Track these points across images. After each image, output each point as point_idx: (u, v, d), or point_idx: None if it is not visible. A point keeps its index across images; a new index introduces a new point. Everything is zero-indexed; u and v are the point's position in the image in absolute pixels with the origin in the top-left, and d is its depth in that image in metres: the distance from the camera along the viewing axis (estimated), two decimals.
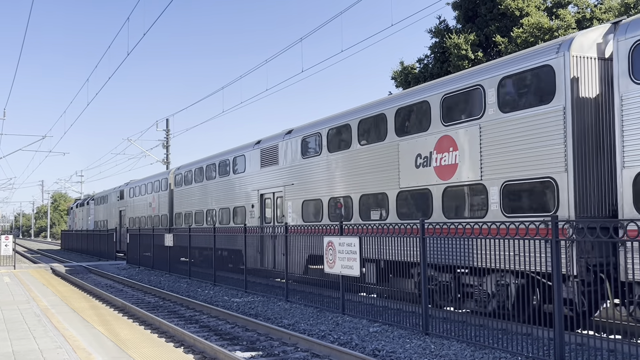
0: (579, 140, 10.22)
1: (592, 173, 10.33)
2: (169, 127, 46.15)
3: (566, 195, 10.15)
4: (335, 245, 13.40)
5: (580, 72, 10.40)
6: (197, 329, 12.87)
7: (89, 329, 11.68)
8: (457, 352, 9.50)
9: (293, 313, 14.21)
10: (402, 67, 29.83)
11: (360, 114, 16.24)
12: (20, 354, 8.85)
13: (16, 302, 15.31)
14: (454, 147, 12.59)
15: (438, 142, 13.06)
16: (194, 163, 28.60)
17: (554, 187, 10.37)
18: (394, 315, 12.05)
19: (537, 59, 10.98)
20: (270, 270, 19.71)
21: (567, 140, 10.18)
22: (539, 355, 8.82)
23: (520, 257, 9.30)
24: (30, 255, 48.38)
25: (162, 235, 26.53)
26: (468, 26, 27.80)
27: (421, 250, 11.21)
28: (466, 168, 12.29)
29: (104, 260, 37.53)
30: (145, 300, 18.27)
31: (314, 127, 18.48)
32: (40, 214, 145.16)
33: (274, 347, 10.81)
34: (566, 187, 10.17)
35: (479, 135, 11.94)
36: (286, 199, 19.69)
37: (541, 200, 10.70)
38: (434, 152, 13.18)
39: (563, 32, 23.64)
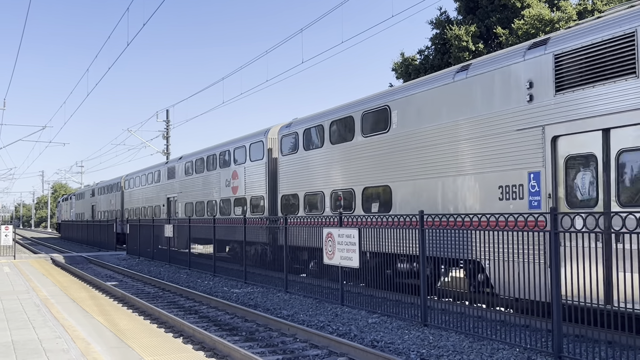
0: (270, 178, 21.15)
1: (275, 194, 20.67)
2: (169, 118, 46.07)
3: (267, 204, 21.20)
4: (335, 236, 13.41)
5: (271, 145, 21.19)
6: (196, 320, 12.90)
7: (89, 319, 11.69)
8: (456, 343, 9.52)
9: (292, 304, 14.24)
10: (403, 59, 29.75)
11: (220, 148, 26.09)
12: (20, 343, 8.86)
13: (16, 292, 15.33)
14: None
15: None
16: (140, 171, 39.08)
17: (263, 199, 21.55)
18: (393, 307, 12.07)
19: (257, 138, 22.10)
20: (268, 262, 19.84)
21: (266, 177, 21.21)
22: (537, 346, 8.84)
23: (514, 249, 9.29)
24: (30, 245, 48.46)
25: (162, 226, 26.57)
26: (469, 17, 27.70)
27: (420, 242, 11.22)
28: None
29: (104, 251, 37.56)
30: (145, 290, 18.30)
31: (197, 154, 28.32)
32: (41, 204, 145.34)
33: (272, 337, 10.84)
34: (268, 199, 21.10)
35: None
36: (179, 201, 30.39)
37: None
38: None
39: (564, 24, 23.53)
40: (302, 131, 18.81)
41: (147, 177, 36.74)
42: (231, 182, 23.83)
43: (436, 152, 13.15)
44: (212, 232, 21.26)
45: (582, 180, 10.00)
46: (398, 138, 14.36)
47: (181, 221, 25.46)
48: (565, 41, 10.42)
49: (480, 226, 9.72)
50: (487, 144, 11.79)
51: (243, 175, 22.82)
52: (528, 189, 10.80)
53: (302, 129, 18.86)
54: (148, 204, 35.98)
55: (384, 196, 14.79)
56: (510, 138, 11.26)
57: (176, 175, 30.61)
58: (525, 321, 9.45)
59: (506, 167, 11.32)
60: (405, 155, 14.08)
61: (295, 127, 19.29)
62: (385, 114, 14.84)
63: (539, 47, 10.93)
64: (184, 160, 29.56)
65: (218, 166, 25.16)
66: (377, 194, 15.20)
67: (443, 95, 13.06)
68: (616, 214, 7.82)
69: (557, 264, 8.45)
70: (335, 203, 16.97)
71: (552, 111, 10.45)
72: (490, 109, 11.79)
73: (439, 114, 13.12)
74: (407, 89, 14.45)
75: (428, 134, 13.42)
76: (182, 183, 29.76)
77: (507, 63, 11.53)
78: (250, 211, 22.11)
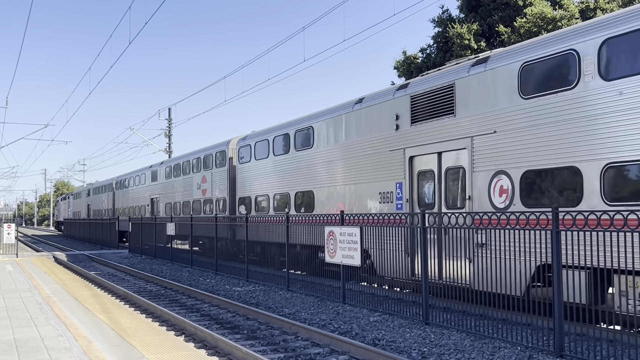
0: (230, 183, 24.01)
1: (234, 196, 23.58)
2: (171, 116, 46.14)
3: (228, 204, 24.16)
4: (336, 235, 13.41)
5: (232, 154, 23.95)
6: (198, 318, 12.91)
7: (91, 317, 11.72)
8: (457, 342, 9.53)
9: (294, 302, 14.25)
10: (405, 57, 29.75)
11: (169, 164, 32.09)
12: (22, 341, 8.89)
13: (18, 290, 15.37)
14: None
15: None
16: (129, 173, 41.95)
17: (225, 201, 24.40)
18: (395, 305, 12.08)
19: (221, 147, 25.31)
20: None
21: (229, 183, 24.01)
22: (538, 345, 8.84)
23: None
24: (32, 243, 48.53)
25: (164, 225, 26.59)
26: (471, 16, 27.67)
27: (421, 240, 11.22)
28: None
29: (107, 249, 37.61)
30: (147, 288, 18.33)
31: (176, 159, 32.04)
32: (43, 202, 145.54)
33: (274, 336, 10.85)
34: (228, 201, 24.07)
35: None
36: (161, 201, 33.86)
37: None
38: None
39: (567, 22, 23.49)
40: (254, 144, 22.28)
41: (134, 179, 40.02)
42: (201, 185, 27.25)
43: (342, 165, 16.74)
44: (190, 229, 24.20)
45: (427, 189, 13.67)
46: (318, 153, 18.00)
47: (182, 220, 25.67)
48: (417, 86, 14.10)
49: (366, 223, 12.59)
50: (372, 160, 15.40)
51: (210, 180, 26.21)
52: (395, 195, 14.48)
53: (254, 142, 22.30)
54: (135, 204, 39.42)
55: (309, 199, 18.39)
56: (385, 157, 14.87)
57: (158, 178, 34.22)
58: (526, 320, 9.45)
59: (383, 178, 14.88)
60: (322, 167, 17.73)
61: (249, 140, 22.82)
62: (309, 133, 18.51)
63: (402, 89, 14.59)
64: (165, 165, 33.35)
65: (191, 171, 28.64)
66: (305, 197, 18.71)
67: (344, 121, 16.69)
68: (445, 214, 10.75)
69: (559, 262, 8.46)
70: (275, 204, 20.46)
71: (409, 138, 14.11)
72: (373, 133, 15.41)
73: (342, 135, 16.82)
74: (322, 114, 18.06)
75: (336, 151, 17.05)
76: (163, 185, 33.28)
77: (384, 99, 15.13)
78: (216, 211, 25.34)
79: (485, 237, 10.44)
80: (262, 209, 21.31)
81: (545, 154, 10.59)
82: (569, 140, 10.15)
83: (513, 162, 11.30)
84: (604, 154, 9.55)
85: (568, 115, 10.21)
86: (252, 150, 22.34)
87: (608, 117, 9.55)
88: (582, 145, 9.93)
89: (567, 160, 10.16)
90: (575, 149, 10.03)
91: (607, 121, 9.57)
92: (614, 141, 9.42)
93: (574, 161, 10.01)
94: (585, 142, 9.90)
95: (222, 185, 24.92)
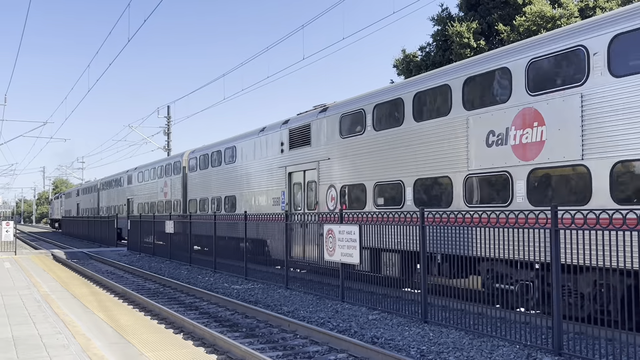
0: (183, 187, 29.53)
1: (186, 198, 28.92)
2: (170, 114, 46.08)
3: (182, 205, 29.95)
4: (335, 233, 13.41)
5: (185, 164, 28.95)
6: (197, 316, 12.91)
7: (89, 315, 11.71)
8: (456, 340, 9.53)
9: (293, 300, 14.25)
10: (404, 55, 29.68)
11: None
12: (20, 339, 8.88)
13: (16, 288, 15.35)
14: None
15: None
16: (111, 176, 47.07)
17: (180, 202, 30.00)
18: (393, 303, 12.08)
19: (177, 158, 30.23)
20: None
21: (183, 187, 29.11)
22: (537, 343, 8.84)
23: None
24: (31, 241, 48.49)
25: (163, 222, 26.59)
26: (470, 14, 27.63)
27: (421, 238, 11.22)
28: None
29: (105, 247, 37.59)
30: (145, 286, 18.32)
31: (146, 166, 37.71)
32: (42, 200, 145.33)
33: (273, 334, 10.85)
34: (182, 202, 29.77)
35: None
36: (134, 202, 39.25)
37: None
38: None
39: (566, 21, 23.49)
40: (198, 157, 28.00)
41: (115, 182, 45.09)
42: (163, 189, 33.02)
43: (252, 177, 22.40)
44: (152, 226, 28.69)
45: (299, 195, 19.16)
46: (239, 167, 23.55)
47: (180, 219, 25.77)
48: (293, 123, 19.68)
49: (268, 219, 17.61)
50: (268, 174, 21.09)
51: (170, 185, 31.90)
52: (281, 200, 20.01)
53: (199, 155, 28.02)
54: (115, 203, 44.54)
55: (234, 201, 23.87)
56: (276, 172, 20.49)
57: (132, 181, 39.74)
58: (525, 318, 9.45)
59: (275, 187, 20.56)
60: (243, 178, 23.21)
61: (196, 154, 28.49)
62: (233, 151, 24.05)
63: (285, 124, 20.17)
64: (138, 170, 38.78)
65: (157, 176, 34.35)
66: (230, 199, 24.17)
67: (254, 143, 22.40)
68: (305, 214, 16.40)
69: (558, 260, 8.46)
70: (212, 205, 25.86)
71: (289, 159, 19.69)
72: (269, 154, 21.04)
73: (252, 154, 22.48)
74: (241, 137, 23.82)
75: (249, 166, 22.77)
76: (136, 188, 38.71)
77: (275, 130, 20.79)
78: (173, 211, 30.60)
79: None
80: (203, 208, 27.24)
81: (353, 175, 16.14)
82: (366, 166, 15.58)
83: (337, 179, 16.88)
84: (375, 178, 15.22)
85: (362, 149, 15.77)
86: (198, 162, 28.15)
87: (408, 147, 14.24)
88: (375, 169, 15.19)
89: (360, 180, 15.82)
90: (363, 172, 15.71)
91: (403, 151, 14.35)
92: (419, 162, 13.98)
93: (363, 180, 15.66)
94: (366, 169, 15.63)
95: (178, 189, 30.60)
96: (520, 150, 11.00)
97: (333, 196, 16.94)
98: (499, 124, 11.49)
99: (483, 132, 11.85)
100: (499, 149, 11.45)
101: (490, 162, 11.65)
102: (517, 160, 11.04)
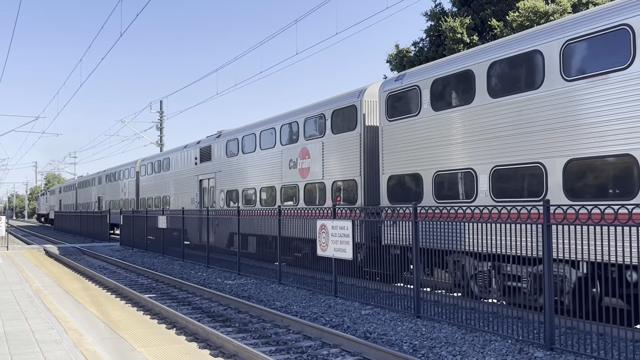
0: (137, 188, 37.75)
1: (139, 197, 36.93)
2: (162, 109, 45.98)
3: (135, 203, 36.97)
4: (328, 228, 13.41)
5: (139, 169, 37.28)
6: (189, 311, 12.90)
7: (81, 310, 11.68)
8: (448, 335, 9.56)
9: (286, 295, 14.25)
10: (398, 51, 29.67)
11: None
12: (12, 334, 8.85)
13: (8, 283, 15.29)
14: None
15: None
16: (88, 175, 55.29)
17: (134, 200, 37.28)
18: (386, 298, 12.10)
19: (132, 165, 38.93)
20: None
21: (136, 188, 37.64)
22: (529, 338, 8.88)
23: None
24: (23, 236, 48.28)
25: (156, 218, 26.54)
26: (464, 9, 27.63)
27: (414, 233, 11.23)
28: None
29: (98, 242, 37.48)
30: (138, 281, 18.28)
31: (113, 169, 44.57)
32: (34, 195, 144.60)
33: (266, 329, 10.85)
34: (136, 200, 37.11)
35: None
36: (104, 199, 46.76)
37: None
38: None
39: (559, 16, 23.53)
40: (147, 164, 35.47)
41: (90, 181, 51.91)
42: (123, 189, 40.54)
43: (179, 183, 29.70)
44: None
45: (205, 196, 26.05)
46: (172, 174, 30.94)
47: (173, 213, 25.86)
48: (202, 144, 26.78)
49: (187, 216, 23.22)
50: (187, 181, 28.45)
51: (127, 186, 39.44)
52: (196, 199, 27.15)
53: (147, 162, 35.39)
54: (89, 200, 51.46)
55: (167, 200, 31.22)
56: (192, 180, 27.78)
57: (102, 182, 46.81)
58: (517, 313, 9.49)
59: (191, 190, 27.77)
60: (174, 182, 30.49)
61: (145, 162, 36.09)
62: (169, 161, 31.36)
63: (198, 144, 27.43)
64: (105, 172, 46.12)
65: (118, 179, 41.63)
66: (165, 199, 31.64)
67: (180, 156, 29.61)
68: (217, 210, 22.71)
69: (550, 255, 8.49)
70: (155, 203, 32.95)
71: (199, 170, 26.82)
72: (189, 166, 28.34)
73: (176, 165, 30.13)
74: (172, 151, 31.72)
75: (179, 173, 29.87)
76: (105, 187, 45.75)
77: (192, 148, 28.08)
78: (129, 207, 37.35)
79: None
80: (149, 205, 34.04)
81: (236, 182, 23.21)
82: (239, 178, 23.01)
83: (224, 185, 24.35)
84: (242, 186, 22.80)
85: (237, 166, 23.29)
86: (146, 168, 35.48)
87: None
88: (243, 180, 22.76)
89: (235, 187, 23.29)
90: (236, 182, 23.26)
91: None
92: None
93: (236, 187, 23.19)
94: (243, 178, 22.93)
95: (133, 190, 38.06)
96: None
97: (222, 197, 24.44)
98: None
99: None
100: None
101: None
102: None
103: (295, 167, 18.82)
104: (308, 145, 18.06)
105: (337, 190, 16.83)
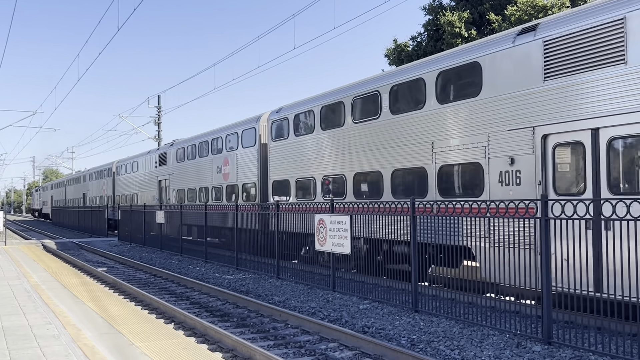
0: (113, 186, 42.62)
1: (114, 194, 42.15)
2: (160, 104, 45.88)
3: (111, 200, 42.87)
4: (326, 223, 13.41)
5: (115, 169, 42.39)
6: (187, 306, 12.90)
7: (79, 305, 11.68)
8: (446, 329, 9.57)
9: (284, 290, 14.25)
10: (396, 45, 29.65)
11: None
12: (10, 329, 8.84)
13: (6, 278, 15.28)
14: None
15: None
16: (76, 173, 60.81)
17: (111, 197, 42.94)
18: (384, 293, 12.11)
19: (107, 166, 44.80)
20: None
21: (113, 186, 42.71)
22: (527, 332, 8.89)
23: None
24: (21, 231, 48.25)
25: (154, 213, 26.53)
26: (462, 4, 27.60)
27: (412, 228, 11.24)
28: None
29: (96, 237, 37.46)
30: (136, 276, 18.28)
31: (94, 168, 50.43)
32: (32, 190, 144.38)
33: (264, 323, 10.86)
34: (113, 197, 42.77)
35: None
36: (88, 196, 52.48)
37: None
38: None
39: (557, 10, 23.49)
40: (124, 164, 39.54)
41: (76, 179, 57.16)
42: (103, 186, 45.33)
43: (144, 183, 34.72)
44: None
45: (164, 194, 31.39)
46: (139, 175, 35.75)
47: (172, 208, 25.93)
48: (160, 150, 32.80)
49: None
50: (150, 182, 33.68)
51: (106, 184, 44.23)
52: (156, 197, 32.23)
53: (125, 163, 39.46)
54: (76, 197, 56.28)
55: (136, 198, 36.09)
56: (153, 180, 32.94)
57: (86, 180, 51.86)
58: (515, 307, 9.51)
59: (153, 189, 32.87)
60: (140, 182, 35.57)
61: (120, 163, 40.91)
62: (137, 164, 36.33)
63: (157, 150, 33.08)
64: (89, 171, 51.37)
65: (99, 178, 46.52)
66: (135, 196, 36.12)
67: (145, 160, 34.93)
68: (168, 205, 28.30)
69: (548, 249, 8.50)
70: (134, 200, 36.05)
71: (159, 172, 32.09)
72: (151, 168, 33.43)
73: (144, 167, 34.81)
74: (139, 155, 36.46)
75: (144, 174, 34.75)
76: (89, 184, 50.40)
77: (153, 153, 33.53)
78: (110, 202, 42.01)
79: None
80: (122, 201, 38.39)
81: (183, 183, 28.14)
82: (186, 179, 27.82)
83: (175, 185, 29.18)
84: (191, 185, 27.48)
85: (185, 170, 28.54)
86: (120, 169, 40.42)
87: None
88: (193, 180, 26.98)
89: (184, 186, 28.21)
90: (186, 182, 27.98)
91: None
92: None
93: (185, 187, 28.13)
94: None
95: (110, 187, 43.05)
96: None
97: (174, 195, 29.27)
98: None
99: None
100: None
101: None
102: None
103: (220, 172, 24.04)
104: (228, 156, 23.35)
105: (245, 190, 21.91)
